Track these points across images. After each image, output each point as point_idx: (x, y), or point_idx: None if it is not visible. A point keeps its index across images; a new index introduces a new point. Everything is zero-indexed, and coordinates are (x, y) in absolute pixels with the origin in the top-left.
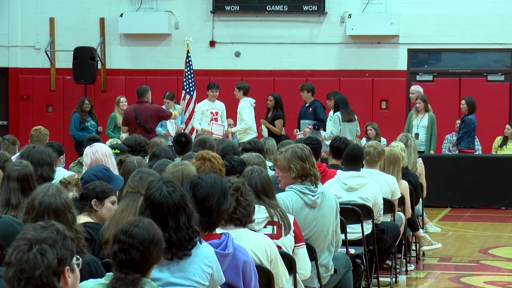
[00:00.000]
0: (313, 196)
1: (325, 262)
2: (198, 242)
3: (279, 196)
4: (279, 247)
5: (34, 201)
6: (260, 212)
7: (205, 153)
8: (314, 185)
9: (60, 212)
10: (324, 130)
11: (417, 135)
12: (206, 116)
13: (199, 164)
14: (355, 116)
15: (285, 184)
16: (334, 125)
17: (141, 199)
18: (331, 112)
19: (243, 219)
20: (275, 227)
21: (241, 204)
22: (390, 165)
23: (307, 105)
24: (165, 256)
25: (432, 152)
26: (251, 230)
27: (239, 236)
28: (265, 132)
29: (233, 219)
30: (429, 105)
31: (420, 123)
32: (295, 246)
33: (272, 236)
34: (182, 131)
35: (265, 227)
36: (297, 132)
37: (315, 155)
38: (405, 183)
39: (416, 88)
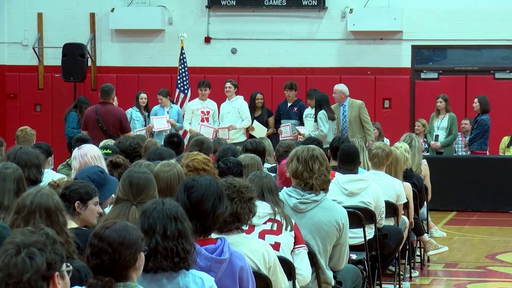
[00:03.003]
0: (297, 199)
1: (322, 277)
2: (195, 273)
3: None
4: (278, 244)
5: (25, 200)
6: (263, 208)
7: (195, 162)
8: (310, 192)
9: (51, 212)
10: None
11: (436, 136)
12: (197, 116)
13: (193, 176)
14: (335, 115)
15: (289, 185)
16: (322, 124)
17: (132, 208)
18: (309, 110)
19: (230, 226)
20: (275, 224)
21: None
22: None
23: (290, 104)
24: (151, 267)
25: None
26: (251, 225)
27: (235, 242)
28: (258, 133)
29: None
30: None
31: (440, 124)
32: (295, 247)
33: (271, 232)
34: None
35: (265, 223)
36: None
37: None
38: (408, 185)
39: (338, 87)
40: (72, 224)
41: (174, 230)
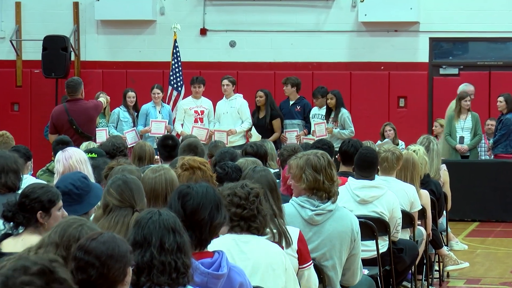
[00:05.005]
0: (312, 211)
1: None
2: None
3: None
4: None
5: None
6: None
7: (191, 160)
8: (326, 201)
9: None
10: (309, 131)
11: (462, 138)
12: (190, 116)
13: (188, 175)
14: None
15: (296, 195)
16: (350, 123)
17: (135, 215)
18: (316, 110)
19: (261, 229)
20: None
21: (260, 213)
22: (401, 171)
23: (292, 102)
24: (143, 282)
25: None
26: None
27: (252, 241)
28: (255, 137)
29: (251, 228)
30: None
31: (464, 125)
32: (299, 268)
33: None
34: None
35: None
36: (286, 135)
37: None
38: (425, 193)
39: (466, 88)
40: (37, 240)
41: (173, 243)
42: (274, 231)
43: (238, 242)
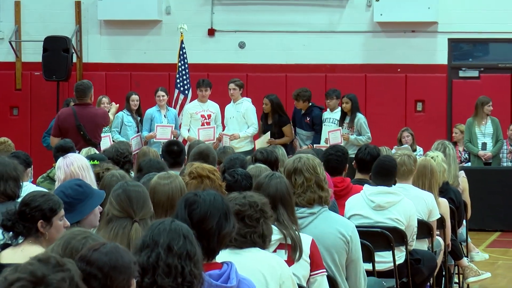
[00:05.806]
0: None
1: None
2: None
3: None
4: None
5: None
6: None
7: (200, 168)
8: (306, 208)
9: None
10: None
11: (484, 145)
12: (196, 120)
13: (196, 183)
14: None
15: None
16: (367, 129)
17: (134, 226)
18: (328, 114)
19: (248, 244)
20: (287, 251)
21: (239, 232)
22: (418, 178)
23: (303, 112)
24: (147, 284)
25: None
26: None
27: (244, 253)
28: (261, 142)
29: (230, 245)
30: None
31: (486, 130)
32: (311, 274)
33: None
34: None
35: (275, 251)
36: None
37: (339, 168)
38: (444, 202)
39: None
40: (37, 250)
41: (182, 248)
42: (288, 240)
43: (230, 254)
